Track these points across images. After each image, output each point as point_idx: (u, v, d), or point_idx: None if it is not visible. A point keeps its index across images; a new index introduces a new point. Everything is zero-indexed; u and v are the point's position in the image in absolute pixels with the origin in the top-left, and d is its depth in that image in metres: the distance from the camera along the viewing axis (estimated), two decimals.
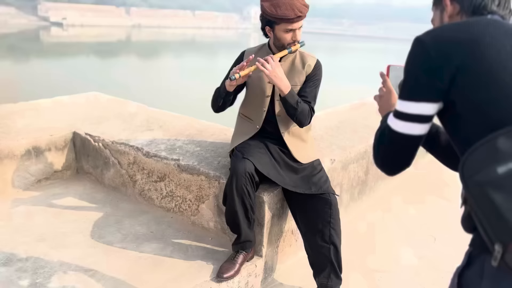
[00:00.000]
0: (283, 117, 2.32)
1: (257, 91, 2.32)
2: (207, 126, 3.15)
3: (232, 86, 2.21)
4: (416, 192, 3.84)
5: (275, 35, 2.19)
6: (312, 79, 2.29)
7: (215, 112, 2.41)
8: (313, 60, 2.31)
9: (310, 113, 2.27)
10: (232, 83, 2.18)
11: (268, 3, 2.12)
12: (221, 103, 2.32)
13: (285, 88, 2.15)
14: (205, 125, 3.19)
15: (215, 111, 2.39)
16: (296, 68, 2.29)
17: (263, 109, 2.32)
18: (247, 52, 2.37)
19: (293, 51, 2.21)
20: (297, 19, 2.11)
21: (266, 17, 2.14)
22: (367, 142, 3.26)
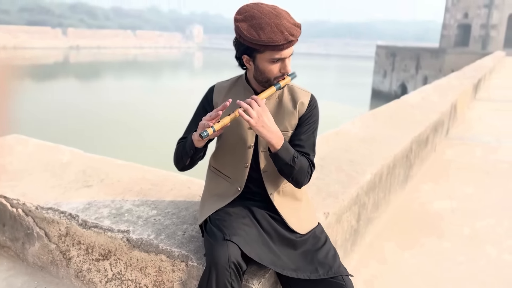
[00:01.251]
0: (271, 173, 1.73)
1: (236, 140, 1.71)
2: (164, 178, 2.47)
3: (202, 142, 1.60)
4: (407, 232, 3.36)
5: (257, 66, 1.59)
6: (308, 122, 1.72)
7: (180, 170, 1.77)
8: (307, 96, 1.74)
9: (310, 169, 1.70)
10: (203, 140, 1.57)
11: (246, 23, 1.52)
12: (188, 162, 1.69)
13: (277, 141, 1.56)
14: (161, 175, 2.51)
15: (180, 169, 1.76)
16: (286, 108, 1.70)
17: (245, 164, 1.71)
18: (218, 88, 1.76)
19: (282, 87, 1.63)
20: (288, 45, 1.53)
21: (244, 42, 1.54)
22: (358, 183, 2.73)
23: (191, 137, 1.62)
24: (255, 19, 1.52)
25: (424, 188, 4.34)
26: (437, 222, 3.54)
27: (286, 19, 1.54)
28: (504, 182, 4.61)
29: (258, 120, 1.50)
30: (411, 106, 5.65)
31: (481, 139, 6.58)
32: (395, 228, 3.41)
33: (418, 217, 3.63)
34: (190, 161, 1.70)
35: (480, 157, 5.59)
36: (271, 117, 1.55)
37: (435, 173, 4.85)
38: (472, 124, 7.65)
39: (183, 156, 1.67)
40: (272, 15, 1.52)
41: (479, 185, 4.50)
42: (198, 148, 1.62)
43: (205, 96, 1.78)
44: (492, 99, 10.74)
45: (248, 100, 1.53)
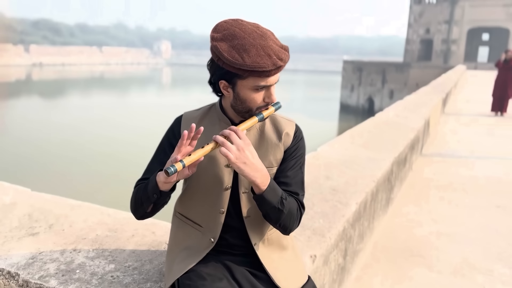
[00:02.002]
0: (255, 219, 1.44)
1: (209, 180, 1.41)
2: (125, 221, 2.13)
3: (169, 183, 1.30)
4: (394, 263, 3.13)
5: (237, 94, 1.32)
6: (294, 156, 1.45)
7: (139, 219, 1.46)
8: (291, 126, 1.47)
9: (300, 212, 1.43)
10: (169, 179, 1.27)
11: (225, 44, 1.25)
12: (149, 208, 1.39)
13: (262, 181, 1.28)
14: (121, 218, 2.17)
15: (139, 218, 1.45)
16: (269, 141, 1.43)
17: (220, 209, 1.42)
18: (186, 118, 1.46)
19: (265, 118, 1.36)
20: (275, 71, 1.27)
21: (223, 66, 1.27)
22: (344, 216, 2.48)
23: (154, 178, 1.32)
24: (236, 38, 1.25)
25: (406, 211, 4.16)
26: (424, 249, 3.34)
27: (273, 40, 1.28)
28: (484, 202, 4.49)
29: (240, 155, 1.22)
30: (386, 124, 5.51)
31: (456, 155, 6.52)
32: (381, 259, 3.18)
33: (404, 245, 3.41)
34: (153, 208, 1.40)
35: (457, 174, 5.49)
36: (254, 152, 1.27)
37: (415, 194, 4.69)
38: (446, 140, 7.62)
39: (144, 202, 1.37)
40: (256, 35, 1.26)
41: (461, 205, 4.36)
42: (164, 191, 1.32)
43: (170, 128, 1.48)
44: (459, 113, 10.88)
45: (227, 131, 1.24)
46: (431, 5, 40.23)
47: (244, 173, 1.24)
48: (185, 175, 1.27)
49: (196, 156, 1.22)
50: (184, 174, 1.26)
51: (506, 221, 3.95)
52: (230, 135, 1.23)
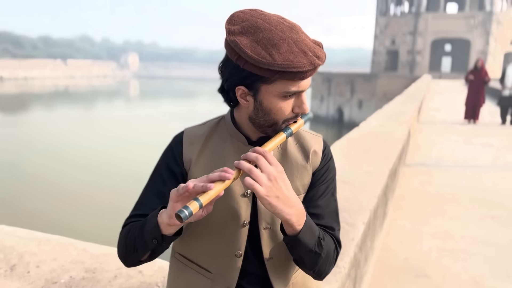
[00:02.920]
0: (278, 261, 1.15)
1: (220, 214, 1.10)
2: (104, 259, 1.78)
3: (175, 226, 0.99)
4: (400, 286, 2.89)
5: (260, 103, 1.02)
6: (324, 180, 1.16)
7: (129, 267, 1.14)
8: (319, 142, 1.19)
9: (336, 252, 1.13)
10: (175, 222, 0.95)
11: (248, 38, 0.96)
12: (146, 256, 1.07)
13: (298, 219, 0.99)
14: (99, 256, 1.81)
15: (130, 265, 1.13)
16: (294, 162, 1.14)
17: (237, 251, 1.12)
18: (189, 136, 1.15)
19: (293, 133, 1.07)
20: (311, 72, 0.98)
21: (245, 67, 0.97)
22: (353, 239, 2.21)
23: (155, 217, 1.00)
24: (261, 31, 0.96)
25: (401, 226, 3.95)
26: (428, 268, 3.11)
27: (304, 34, 1.00)
28: (477, 213, 4.34)
29: (272, 187, 0.93)
30: (372, 135, 5.34)
31: (438, 165, 6.43)
32: (386, 282, 2.93)
33: (406, 264, 3.18)
34: (150, 255, 1.08)
35: (444, 184, 5.36)
36: (288, 181, 0.98)
37: (407, 207, 4.50)
38: (427, 149, 7.55)
39: (139, 248, 1.05)
40: (285, 27, 0.97)
41: (454, 217, 4.19)
42: (167, 236, 1.01)
43: (169, 149, 1.16)
44: (433, 121, 10.94)
45: (253, 155, 0.94)
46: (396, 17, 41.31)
47: (276, 210, 0.94)
48: (199, 216, 0.95)
49: (216, 191, 0.91)
50: (197, 216, 0.94)
51: (504, 234, 3.79)
52: (257, 159, 0.93)
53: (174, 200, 0.94)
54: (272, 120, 1.03)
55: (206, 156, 1.12)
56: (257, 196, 0.93)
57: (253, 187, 0.91)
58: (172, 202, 0.94)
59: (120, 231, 1.11)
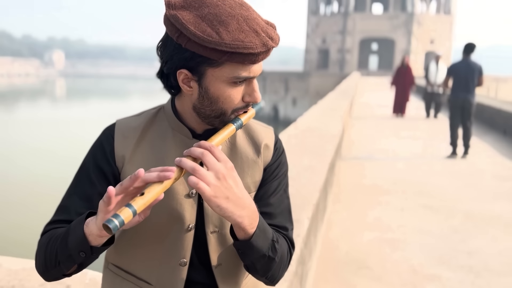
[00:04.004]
0: (226, 267, 1.03)
1: (161, 219, 0.96)
2: (25, 274, 1.54)
3: (105, 236, 0.83)
4: (343, 279, 2.89)
5: (206, 90, 0.89)
6: (277, 176, 1.06)
7: (50, 281, 0.97)
8: (270, 135, 1.08)
9: (290, 254, 1.04)
10: (106, 233, 0.81)
11: (191, 13, 0.83)
12: (72, 270, 0.91)
13: (251, 221, 0.87)
14: (18, 271, 1.58)
15: (52, 279, 0.96)
16: (244, 157, 1.02)
17: (180, 260, 0.98)
18: (122, 129, 0.99)
19: (244, 124, 0.96)
20: (264, 55, 0.87)
21: (187, 46, 0.84)
22: (299, 235, 2.15)
23: (81, 228, 0.84)
24: (206, 6, 0.84)
25: (341, 219, 3.99)
26: (369, 260, 3.16)
27: (256, 12, 0.89)
28: (411, 203, 4.52)
29: (220, 187, 0.81)
30: (310, 130, 5.38)
31: (371, 158, 6.65)
32: (329, 276, 2.92)
33: (348, 257, 3.20)
34: (78, 267, 0.92)
35: (378, 176, 5.54)
36: (239, 179, 0.86)
37: (344, 199, 4.57)
38: (360, 143, 7.80)
39: (62, 261, 0.88)
40: (234, 3, 0.86)
41: (390, 208, 4.32)
42: (96, 247, 0.85)
43: (98, 144, 0.99)
44: (364, 116, 11.38)
45: (198, 151, 0.82)
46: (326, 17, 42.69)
47: (226, 212, 0.82)
48: (135, 222, 0.81)
49: (152, 195, 0.77)
50: (132, 223, 0.80)
51: (437, 222, 3.97)
52: (203, 156, 0.81)
53: (105, 211, 0.79)
54: (220, 110, 0.90)
55: (142, 152, 0.97)
56: (204, 198, 0.80)
57: (198, 187, 0.78)
58: (103, 213, 0.79)
59: (39, 240, 0.94)
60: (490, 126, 10.22)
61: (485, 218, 4.07)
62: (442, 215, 4.13)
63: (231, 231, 0.92)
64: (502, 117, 9.62)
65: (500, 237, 3.63)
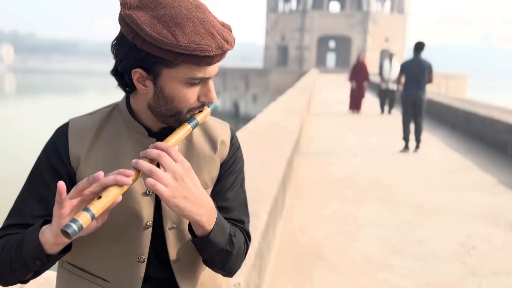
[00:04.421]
0: (185, 262, 1.04)
1: (118, 217, 0.96)
2: None
3: (62, 243, 0.82)
4: (301, 270, 2.97)
5: (162, 90, 0.89)
6: (233, 171, 1.08)
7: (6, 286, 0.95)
8: (226, 130, 1.10)
9: (247, 246, 1.07)
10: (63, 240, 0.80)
11: (146, 14, 0.84)
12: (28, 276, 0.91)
13: (209, 219, 0.90)
14: None
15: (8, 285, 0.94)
16: (201, 154, 1.04)
17: (139, 256, 0.99)
18: (76, 129, 0.98)
19: (199, 123, 0.97)
20: (220, 57, 0.88)
21: (142, 46, 0.84)
22: (257, 229, 2.19)
23: (36, 236, 0.83)
24: (162, 7, 0.84)
25: (299, 212, 4.08)
26: (326, 251, 3.25)
27: (212, 14, 0.91)
28: (366, 196, 4.68)
29: (178, 187, 0.82)
30: (269, 127, 5.45)
31: (329, 153, 6.81)
32: (288, 268, 2.99)
33: (306, 249, 3.29)
34: (34, 274, 0.91)
35: (336, 171, 5.69)
36: (196, 179, 0.88)
37: (303, 194, 4.67)
38: (318, 139, 7.96)
39: (17, 269, 0.87)
40: (190, 5, 0.87)
41: (347, 201, 4.46)
42: (52, 255, 0.85)
43: (51, 145, 0.97)
44: (321, 113, 11.62)
45: (154, 152, 0.83)
46: (285, 14, 43.09)
47: (185, 212, 0.84)
48: (92, 228, 0.81)
49: (110, 198, 0.77)
50: (90, 228, 0.80)
51: (390, 213, 4.14)
52: (160, 157, 0.82)
53: (59, 215, 0.78)
54: (175, 109, 0.91)
55: (98, 151, 0.96)
56: (162, 199, 0.81)
57: (156, 189, 0.79)
58: (57, 218, 0.78)
59: None
60: (440, 121, 10.71)
61: (435, 209, 4.29)
62: (394, 207, 4.31)
63: (189, 228, 0.95)
64: (451, 113, 10.12)
65: (448, 227, 3.83)
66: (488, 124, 7.78)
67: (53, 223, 0.80)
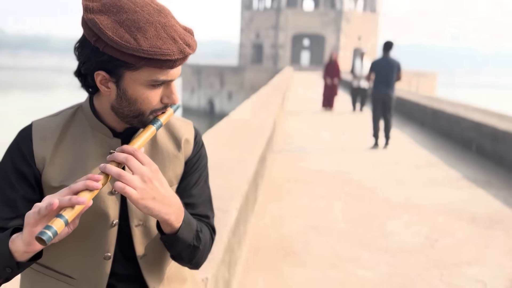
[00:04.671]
0: (152, 257, 1.08)
1: (86, 217, 0.96)
2: None
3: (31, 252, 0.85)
4: (271, 265, 3.04)
5: (124, 92, 0.92)
6: (197, 168, 1.13)
7: None
8: (189, 129, 1.14)
9: (212, 239, 1.13)
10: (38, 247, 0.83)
11: (109, 18, 0.86)
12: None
13: (177, 217, 0.95)
14: None
15: None
16: (165, 152, 1.08)
17: (105, 254, 1.02)
18: (40, 131, 0.99)
19: (163, 124, 1.01)
20: (182, 61, 0.91)
21: (105, 50, 0.87)
22: (226, 225, 2.24)
23: (6, 244, 0.85)
24: (125, 12, 0.87)
25: (271, 209, 4.15)
26: (296, 246, 3.33)
27: (174, 19, 0.94)
28: (336, 192, 4.79)
29: (146, 189, 0.86)
30: (242, 124, 5.50)
31: (302, 150, 6.92)
32: (259, 263, 3.05)
33: (277, 245, 3.35)
34: (4, 281, 0.93)
35: (307, 168, 5.79)
36: (164, 179, 0.91)
37: (275, 190, 4.75)
38: (291, 136, 8.06)
39: None
40: (153, 10, 0.90)
41: (318, 197, 4.56)
42: (22, 263, 0.86)
43: (14, 147, 0.99)
44: (295, 110, 11.75)
45: (121, 156, 0.86)
46: (259, 12, 43.17)
47: (154, 212, 0.88)
48: (64, 234, 0.83)
49: (79, 208, 0.81)
50: (62, 235, 0.82)
51: (357, 208, 4.26)
52: (127, 161, 0.86)
53: (33, 224, 0.80)
54: (138, 111, 0.94)
55: (63, 152, 0.99)
56: (131, 201, 0.85)
57: (125, 192, 0.83)
58: (30, 227, 0.80)
59: None
60: (410, 118, 11.00)
61: (402, 203, 4.44)
62: (363, 202, 4.44)
63: (157, 226, 0.99)
64: (420, 110, 10.41)
65: (414, 221, 3.98)
66: (454, 121, 8.05)
67: (25, 232, 0.82)
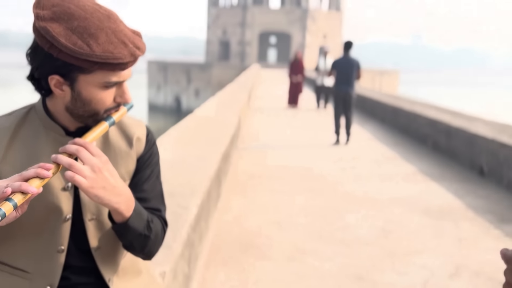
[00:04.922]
0: (106, 249, 1.14)
1: (37, 212, 1.04)
2: None
3: None
4: (233, 259, 3.13)
5: (79, 94, 0.98)
6: (149, 164, 1.20)
7: None
8: (141, 128, 1.21)
9: (164, 231, 1.21)
10: None
11: (60, 26, 0.91)
12: None
13: (127, 207, 1.02)
14: None
15: None
16: (117, 150, 1.14)
17: (58, 247, 1.08)
18: None
19: (116, 122, 1.08)
20: (133, 62, 0.99)
21: (59, 56, 0.92)
22: (186, 221, 2.31)
23: None
24: (75, 19, 0.92)
25: (234, 205, 4.24)
26: (257, 240, 3.43)
27: (123, 23, 1.00)
28: (298, 187, 4.93)
29: (96, 179, 0.93)
30: (206, 122, 5.55)
31: (266, 147, 7.04)
32: (220, 258, 3.13)
33: (239, 240, 3.45)
34: None
35: (273, 164, 5.91)
36: (114, 170, 0.99)
37: (238, 187, 4.84)
38: (257, 133, 8.17)
39: None
40: (102, 16, 0.95)
41: (280, 192, 4.68)
42: None
43: None
44: (261, 107, 11.88)
45: (73, 148, 0.93)
46: (226, 9, 43.07)
47: (104, 201, 0.95)
48: (12, 218, 0.87)
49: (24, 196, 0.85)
50: (10, 218, 0.86)
51: (318, 202, 4.41)
52: (78, 152, 0.92)
53: None
54: (93, 111, 1.01)
55: (15, 150, 1.04)
56: (81, 189, 0.92)
57: (75, 180, 0.90)
58: None
59: None
60: (371, 115, 11.34)
61: (360, 197, 4.62)
62: (324, 197, 4.59)
63: (109, 216, 1.05)
64: (381, 108, 10.75)
65: (370, 214, 4.16)
66: (412, 118, 8.39)
67: None
